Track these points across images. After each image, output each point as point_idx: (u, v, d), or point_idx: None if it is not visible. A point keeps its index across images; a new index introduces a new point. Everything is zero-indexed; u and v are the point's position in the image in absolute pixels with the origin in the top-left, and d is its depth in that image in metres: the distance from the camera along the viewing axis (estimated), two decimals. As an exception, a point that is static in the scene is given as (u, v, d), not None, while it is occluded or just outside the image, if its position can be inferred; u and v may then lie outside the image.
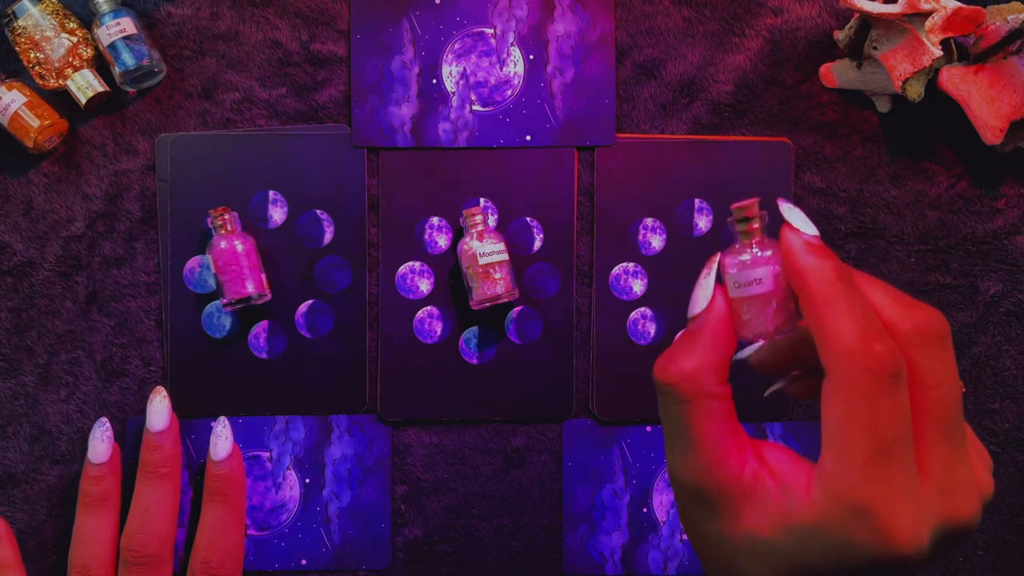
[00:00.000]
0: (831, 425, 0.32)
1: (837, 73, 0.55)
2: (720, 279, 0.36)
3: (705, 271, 0.36)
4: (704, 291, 0.35)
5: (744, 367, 0.44)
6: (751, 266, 0.35)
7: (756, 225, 0.36)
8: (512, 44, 0.56)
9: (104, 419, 0.54)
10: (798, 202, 0.56)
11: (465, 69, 0.56)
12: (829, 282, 0.32)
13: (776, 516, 0.33)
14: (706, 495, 0.34)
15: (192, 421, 0.55)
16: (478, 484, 0.56)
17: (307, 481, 0.56)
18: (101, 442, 0.53)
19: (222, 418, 0.54)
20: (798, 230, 0.34)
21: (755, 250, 0.35)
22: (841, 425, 0.31)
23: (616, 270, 0.56)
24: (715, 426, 0.34)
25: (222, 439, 0.54)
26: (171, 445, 0.53)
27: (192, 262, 0.55)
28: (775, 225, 0.35)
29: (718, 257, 0.36)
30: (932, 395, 0.32)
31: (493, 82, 0.56)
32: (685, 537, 0.56)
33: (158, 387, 0.54)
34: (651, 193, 0.56)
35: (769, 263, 0.35)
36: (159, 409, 0.53)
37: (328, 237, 0.56)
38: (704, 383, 0.34)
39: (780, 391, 0.42)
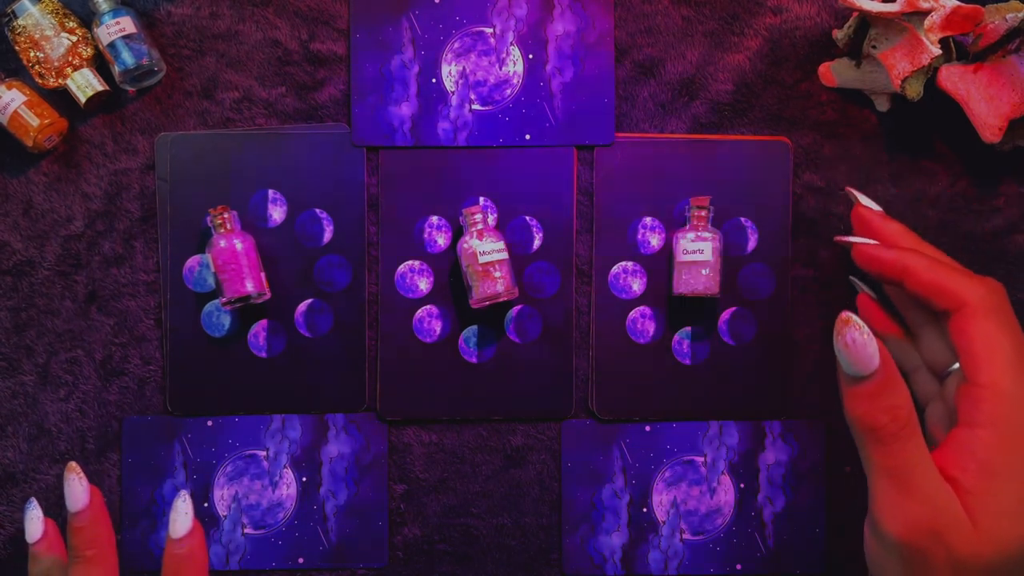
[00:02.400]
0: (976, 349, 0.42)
1: (836, 72, 0.55)
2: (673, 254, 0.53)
3: (858, 331, 0.40)
4: (872, 348, 0.40)
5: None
6: (696, 240, 0.53)
7: (704, 214, 0.53)
8: (511, 43, 0.56)
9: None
10: (798, 201, 0.56)
11: (464, 68, 0.56)
12: (929, 265, 0.44)
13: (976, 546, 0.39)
14: (923, 543, 0.39)
15: (190, 420, 0.55)
16: (477, 483, 0.56)
17: (304, 480, 0.55)
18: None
19: (183, 493, 0.49)
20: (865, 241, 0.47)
21: (700, 231, 0.53)
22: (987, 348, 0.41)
23: (615, 269, 0.56)
24: (925, 463, 0.40)
25: (182, 514, 0.48)
26: (93, 524, 0.48)
27: (191, 261, 0.55)
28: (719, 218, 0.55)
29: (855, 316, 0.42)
30: None
31: (492, 81, 0.56)
32: (685, 537, 0.56)
33: (71, 463, 0.49)
34: (650, 192, 0.56)
35: (709, 241, 0.52)
36: (75, 488, 0.48)
37: (327, 236, 0.56)
38: (911, 417, 0.40)
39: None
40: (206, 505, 0.55)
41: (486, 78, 0.56)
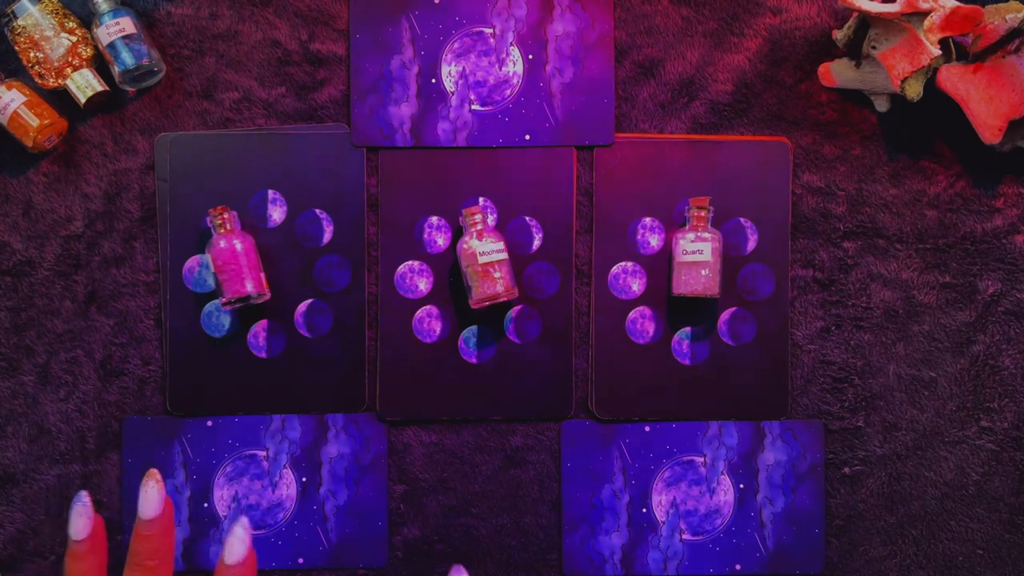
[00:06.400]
0: None
1: (836, 72, 0.55)
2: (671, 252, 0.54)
3: None
4: None
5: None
6: (696, 241, 0.53)
7: (703, 214, 0.54)
8: (511, 44, 0.56)
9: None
10: (797, 201, 0.56)
11: (464, 69, 0.56)
12: None
13: None
14: None
15: (190, 420, 0.55)
16: (477, 483, 0.56)
17: (304, 480, 0.55)
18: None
19: (243, 519, 0.47)
20: None
21: (700, 232, 0.53)
22: None
23: (615, 269, 0.56)
24: None
25: (238, 541, 0.46)
26: (161, 535, 0.47)
27: (191, 261, 0.55)
28: (718, 218, 0.55)
29: None
30: None
31: (492, 81, 0.56)
32: (685, 537, 0.56)
33: (152, 470, 0.48)
34: (650, 192, 0.56)
35: (709, 241, 0.53)
36: (151, 495, 0.47)
37: (327, 236, 0.56)
38: None
39: None
40: (206, 505, 0.55)
41: (486, 78, 0.56)
